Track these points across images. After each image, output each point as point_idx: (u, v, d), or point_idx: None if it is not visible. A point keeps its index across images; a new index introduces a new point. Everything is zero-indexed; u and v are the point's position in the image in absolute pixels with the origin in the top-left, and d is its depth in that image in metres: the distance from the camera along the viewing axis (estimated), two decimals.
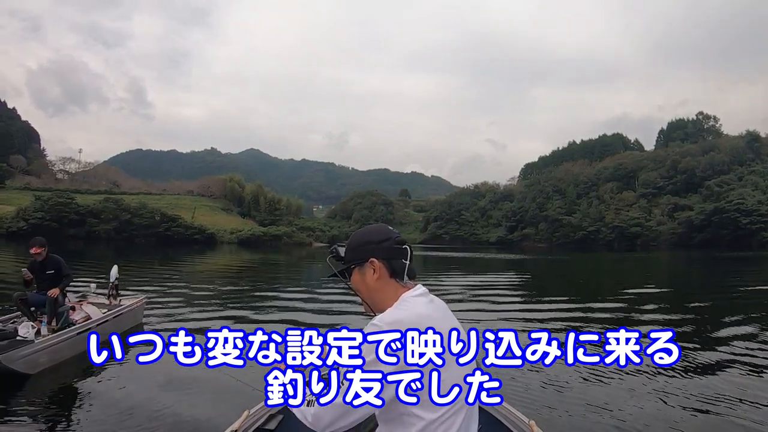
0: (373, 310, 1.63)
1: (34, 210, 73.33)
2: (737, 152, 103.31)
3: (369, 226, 1.72)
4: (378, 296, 1.61)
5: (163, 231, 79.22)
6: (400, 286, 1.59)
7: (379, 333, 1.40)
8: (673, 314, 11.66)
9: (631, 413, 5.05)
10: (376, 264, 1.58)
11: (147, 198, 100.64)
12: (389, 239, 1.61)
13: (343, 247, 1.73)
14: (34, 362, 5.83)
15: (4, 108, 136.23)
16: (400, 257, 1.60)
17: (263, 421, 2.74)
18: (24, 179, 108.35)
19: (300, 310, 11.61)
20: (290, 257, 46.15)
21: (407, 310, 1.48)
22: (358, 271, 1.64)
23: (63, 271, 6.83)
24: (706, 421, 4.92)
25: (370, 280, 1.60)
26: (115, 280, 8.06)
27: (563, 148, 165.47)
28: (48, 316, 6.48)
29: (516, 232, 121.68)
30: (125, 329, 7.81)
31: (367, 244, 1.62)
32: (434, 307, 1.56)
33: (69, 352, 6.41)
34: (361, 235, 1.67)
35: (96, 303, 7.63)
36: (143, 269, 24.42)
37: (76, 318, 6.89)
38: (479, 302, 13.91)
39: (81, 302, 7.42)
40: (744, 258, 43.67)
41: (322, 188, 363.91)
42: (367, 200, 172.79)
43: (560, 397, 5.52)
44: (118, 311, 7.53)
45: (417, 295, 1.55)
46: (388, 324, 1.42)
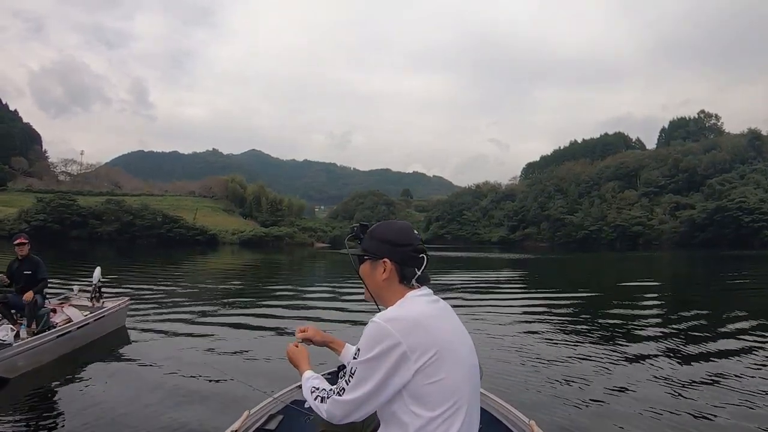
0: (375, 301, 1.67)
1: (36, 212, 73.46)
2: (739, 150, 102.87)
3: (396, 224, 1.68)
4: (383, 293, 1.63)
5: (164, 232, 79.17)
6: (406, 288, 1.60)
7: (371, 352, 1.43)
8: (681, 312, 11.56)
9: (633, 413, 5.01)
10: (388, 265, 1.59)
11: (149, 199, 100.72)
12: (410, 245, 1.61)
13: (366, 227, 1.73)
14: (12, 366, 5.75)
15: (5, 109, 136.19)
16: (414, 266, 1.60)
17: (263, 421, 2.72)
18: (26, 181, 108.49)
19: (294, 317, 11.47)
20: (292, 257, 46.09)
21: (408, 308, 1.49)
22: (369, 263, 1.65)
23: (39, 274, 6.73)
24: (709, 420, 4.85)
25: (379, 277, 1.61)
26: (98, 282, 7.96)
27: (565, 148, 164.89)
28: (27, 319, 6.40)
29: (518, 231, 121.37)
30: (108, 332, 7.74)
31: (387, 243, 1.61)
32: (436, 307, 1.56)
33: (49, 356, 6.34)
34: (385, 231, 1.65)
35: (78, 305, 7.54)
36: (135, 270, 24.36)
37: (57, 320, 6.81)
38: (482, 297, 14.18)
39: (62, 304, 7.34)
40: (748, 257, 43.49)
41: (324, 188, 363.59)
42: (368, 200, 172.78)
43: (561, 397, 5.47)
44: (100, 314, 7.44)
45: (421, 294, 1.57)
46: (386, 320, 1.44)
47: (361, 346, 1.47)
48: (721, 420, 4.86)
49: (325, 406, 1.56)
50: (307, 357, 1.94)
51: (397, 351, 1.40)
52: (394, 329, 1.42)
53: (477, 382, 1.59)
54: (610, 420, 4.85)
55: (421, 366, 1.41)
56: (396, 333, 1.41)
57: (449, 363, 1.45)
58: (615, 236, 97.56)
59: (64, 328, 6.64)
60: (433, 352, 1.42)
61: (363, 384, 1.44)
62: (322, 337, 2.15)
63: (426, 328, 1.45)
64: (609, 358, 7.19)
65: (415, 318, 1.45)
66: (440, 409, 1.42)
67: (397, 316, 1.46)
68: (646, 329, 9.38)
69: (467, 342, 1.58)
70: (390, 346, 1.41)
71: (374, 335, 1.44)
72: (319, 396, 1.60)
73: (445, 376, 1.43)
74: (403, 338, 1.41)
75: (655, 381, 6.12)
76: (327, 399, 1.56)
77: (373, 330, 1.45)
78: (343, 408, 1.50)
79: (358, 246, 1.73)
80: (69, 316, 6.98)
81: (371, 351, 1.43)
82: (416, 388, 1.42)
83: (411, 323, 1.44)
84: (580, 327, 9.72)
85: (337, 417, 1.52)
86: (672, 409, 5.11)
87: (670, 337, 8.76)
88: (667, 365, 6.84)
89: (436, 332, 1.46)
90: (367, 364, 1.44)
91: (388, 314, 1.47)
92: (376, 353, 1.42)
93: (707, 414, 5.01)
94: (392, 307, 1.52)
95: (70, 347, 6.73)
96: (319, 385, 1.67)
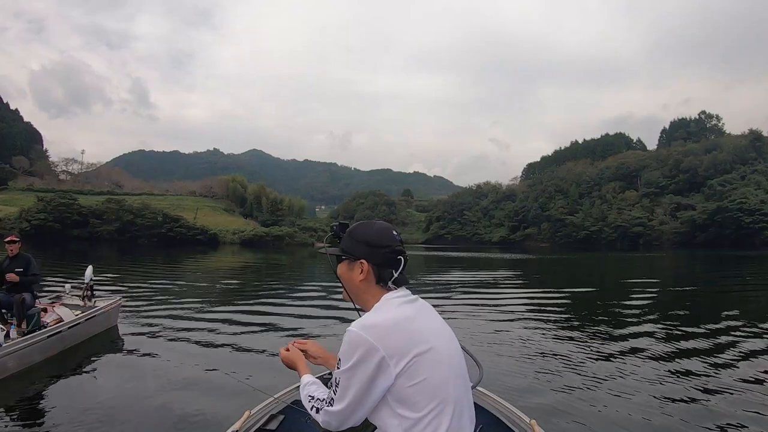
0: (353, 302, 1.67)
1: (37, 211, 73.60)
2: (740, 151, 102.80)
3: (376, 225, 1.65)
4: (360, 294, 1.62)
5: (165, 232, 79.38)
6: (383, 289, 1.59)
7: (350, 364, 1.43)
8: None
9: (634, 412, 4.95)
10: (365, 266, 1.58)
11: (149, 199, 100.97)
12: (388, 247, 1.58)
13: (346, 226, 1.71)
14: (2, 367, 5.68)
15: (7, 109, 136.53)
16: (392, 267, 1.58)
17: (264, 421, 2.70)
18: (27, 180, 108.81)
19: (292, 314, 11.43)
20: (292, 257, 46.04)
21: (383, 313, 1.49)
22: (347, 263, 1.63)
23: (30, 270, 6.69)
24: (711, 420, 4.78)
25: (356, 278, 1.60)
26: (90, 281, 7.92)
27: (565, 148, 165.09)
28: (17, 319, 6.34)
29: (518, 231, 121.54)
30: (99, 332, 7.69)
31: (364, 245, 1.59)
32: (413, 307, 1.55)
33: (39, 356, 6.29)
34: (363, 232, 1.62)
35: (70, 305, 7.49)
36: (135, 270, 24.34)
37: (48, 320, 6.74)
38: (482, 297, 14.15)
39: (53, 304, 7.28)
40: (748, 257, 43.37)
41: (325, 188, 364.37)
42: (369, 200, 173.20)
43: (562, 396, 5.42)
44: (91, 313, 7.38)
45: (398, 296, 1.55)
46: (362, 328, 1.43)
47: (341, 356, 1.47)
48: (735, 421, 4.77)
49: (320, 417, 1.57)
50: (303, 359, 1.93)
51: (376, 357, 1.40)
52: (371, 336, 1.41)
53: (464, 379, 1.56)
54: (612, 419, 4.80)
55: (402, 369, 1.41)
56: (372, 340, 1.41)
57: (430, 363, 1.44)
58: (616, 237, 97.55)
59: (54, 327, 6.57)
60: (413, 355, 1.42)
61: (348, 393, 1.45)
62: (323, 354, 2.03)
63: (403, 332, 1.44)
64: (611, 358, 7.12)
65: (391, 323, 1.45)
66: (426, 409, 1.42)
67: (373, 323, 1.45)
68: (648, 329, 9.14)
69: (449, 341, 1.56)
70: (367, 354, 1.41)
71: (352, 344, 1.43)
72: (314, 407, 1.62)
73: (426, 377, 1.42)
74: (381, 344, 1.40)
75: (656, 379, 6.05)
76: (321, 410, 1.57)
77: (350, 339, 1.44)
78: (336, 418, 1.51)
79: (337, 245, 1.69)
80: (60, 315, 6.91)
81: (350, 360, 1.43)
82: (399, 391, 1.42)
83: (387, 329, 1.43)
84: (582, 327, 9.62)
85: (333, 426, 1.53)
86: (675, 409, 5.05)
87: (673, 336, 8.67)
88: (670, 365, 6.74)
89: (414, 335, 1.45)
90: (348, 373, 1.44)
91: (365, 321, 1.46)
92: (355, 361, 1.42)
93: (716, 412, 4.94)
94: (368, 314, 1.51)
95: (60, 347, 6.68)
96: (315, 393, 1.67)
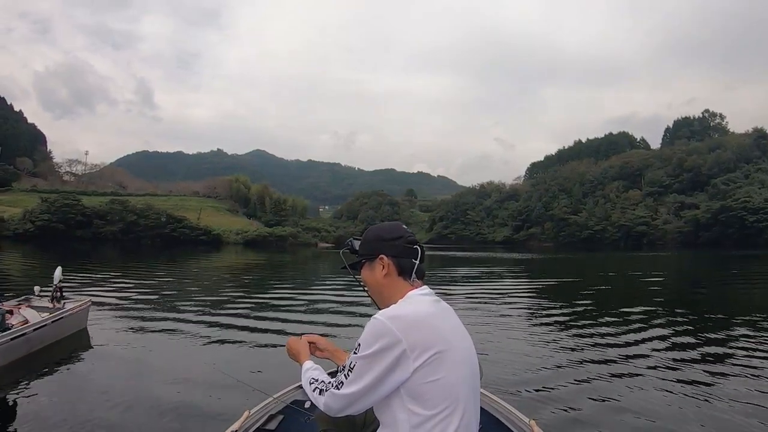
0: (379, 306, 1.67)
1: (40, 212, 73.74)
2: (744, 150, 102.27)
3: (384, 223, 1.76)
4: (385, 292, 1.65)
5: (169, 232, 79.46)
6: (407, 284, 1.63)
7: (369, 349, 1.45)
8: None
9: (635, 412, 4.87)
10: (385, 261, 1.64)
11: (153, 199, 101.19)
12: (401, 237, 1.66)
13: (359, 241, 1.78)
14: None
15: (10, 110, 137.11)
16: (410, 256, 1.65)
17: (264, 421, 2.68)
18: (30, 181, 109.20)
19: (292, 312, 11.26)
20: (296, 257, 45.99)
21: (409, 307, 1.51)
22: (368, 265, 1.70)
23: None
24: (713, 420, 4.69)
25: (379, 275, 1.65)
26: (58, 282, 7.76)
27: (569, 147, 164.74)
28: None
29: (522, 231, 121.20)
30: (67, 334, 7.54)
31: (379, 241, 1.67)
32: (438, 307, 1.58)
33: (2, 360, 6.13)
34: (375, 231, 1.73)
35: (37, 306, 7.33)
36: (134, 269, 24.24)
37: (13, 322, 6.58)
38: (483, 297, 14.38)
39: (20, 305, 7.11)
40: (753, 256, 43.16)
41: (329, 188, 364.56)
42: (372, 200, 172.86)
43: (562, 397, 5.33)
44: (58, 315, 7.24)
45: (423, 294, 1.59)
46: (388, 318, 1.45)
47: (361, 342, 1.48)
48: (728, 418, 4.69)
49: (323, 399, 1.58)
50: (307, 350, 1.96)
51: (397, 349, 1.42)
52: (395, 327, 1.43)
53: (476, 383, 1.59)
54: (612, 420, 4.72)
55: (420, 365, 1.42)
56: (397, 331, 1.42)
57: (448, 363, 1.46)
58: (619, 236, 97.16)
59: (18, 330, 6.42)
60: (433, 352, 1.43)
61: (361, 379, 1.46)
62: (331, 348, 2.09)
63: (427, 327, 1.46)
64: (613, 358, 7.01)
65: (416, 316, 1.47)
66: (438, 408, 1.43)
67: (399, 314, 1.47)
68: (655, 333, 8.88)
69: (467, 343, 1.59)
70: (390, 344, 1.42)
71: (375, 332, 1.45)
72: (317, 388, 1.63)
73: (443, 376, 1.44)
74: (404, 336, 1.42)
75: (657, 379, 5.95)
76: (325, 392, 1.58)
77: (374, 326, 1.46)
78: (340, 401, 1.52)
79: (356, 256, 1.76)
80: (26, 317, 6.75)
81: (371, 347, 1.44)
82: (414, 386, 1.43)
83: (412, 322, 1.45)
84: (583, 327, 9.46)
85: (335, 410, 1.55)
86: (678, 410, 4.95)
87: (677, 336, 8.57)
88: (673, 365, 6.64)
89: (437, 332, 1.47)
90: (366, 359, 1.45)
91: (390, 312, 1.48)
92: (376, 349, 1.43)
93: (714, 411, 4.86)
94: (394, 306, 1.53)
95: (25, 350, 6.53)
96: (318, 376, 1.69)
